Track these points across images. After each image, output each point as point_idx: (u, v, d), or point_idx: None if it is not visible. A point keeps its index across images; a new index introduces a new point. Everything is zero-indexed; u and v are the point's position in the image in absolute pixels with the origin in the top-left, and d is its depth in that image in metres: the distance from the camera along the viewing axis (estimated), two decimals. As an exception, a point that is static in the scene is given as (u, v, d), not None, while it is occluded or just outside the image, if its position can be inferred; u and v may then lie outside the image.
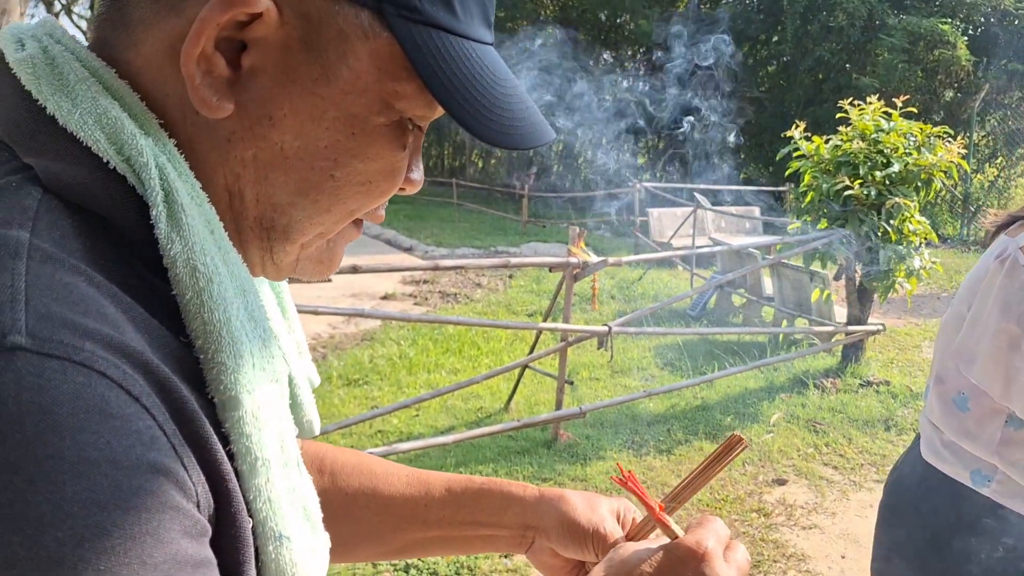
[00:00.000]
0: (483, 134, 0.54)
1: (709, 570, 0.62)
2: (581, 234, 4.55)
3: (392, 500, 0.83)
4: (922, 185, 5.56)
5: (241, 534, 0.48)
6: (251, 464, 0.49)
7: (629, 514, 0.81)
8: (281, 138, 0.53)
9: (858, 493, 4.29)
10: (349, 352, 6.64)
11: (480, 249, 12.47)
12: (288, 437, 0.54)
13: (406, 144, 0.56)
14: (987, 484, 1.58)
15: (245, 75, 0.51)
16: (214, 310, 0.49)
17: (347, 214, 0.58)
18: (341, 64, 0.52)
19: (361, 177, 0.55)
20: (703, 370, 6.02)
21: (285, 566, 0.51)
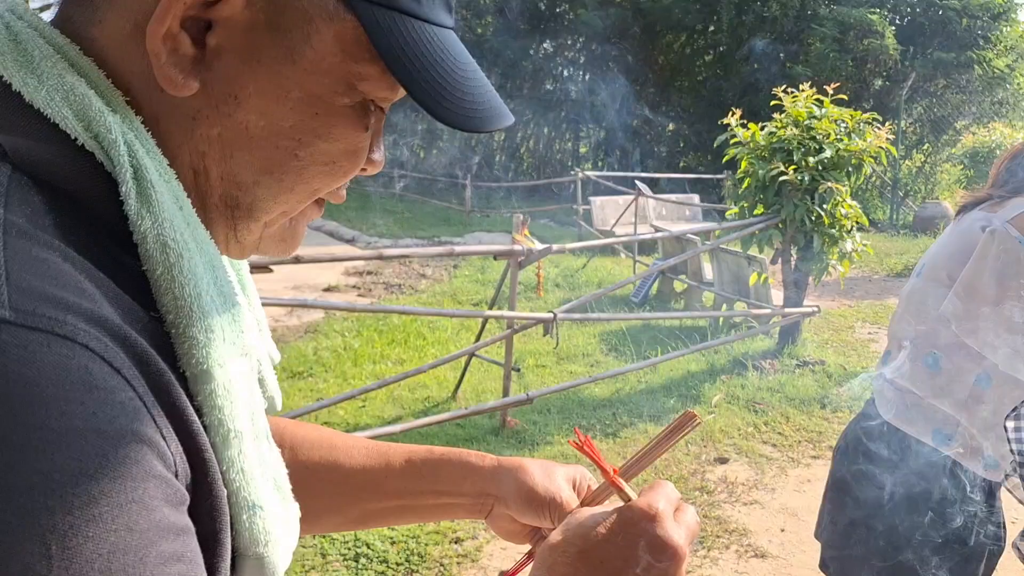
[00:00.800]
0: (445, 117, 0.55)
1: (660, 530, 0.64)
2: (525, 222, 4.58)
3: (352, 472, 0.85)
4: (853, 170, 5.74)
5: (217, 503, 0.50)
6: (224, 436, 0.50)
7: (584, 481, 0.84)
8: (246, 117, 0.53)
9: (796, 469, 4.43)
10: (292, 344, 6.57)
11: (424, 239, 12.42)
12: (258, 410, 0.55)
13: (368, 125, 0.57)
14: (948, 443, 1.72)
15: (210, 54, 0.52)
16: (184, 285, 0.50)
17: (310, 193, 0.59)
18: (305, 45, 0.52)
19: (324, 157, 0.56)
20: (647, 354, 6.12)
21: (259, 534, 0.52)
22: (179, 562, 0.43)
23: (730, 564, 3.48)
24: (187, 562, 0.44)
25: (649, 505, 0.65)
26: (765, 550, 3.59)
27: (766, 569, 3.45)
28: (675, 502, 0.68)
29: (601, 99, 19.76)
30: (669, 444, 0.78)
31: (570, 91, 21.09)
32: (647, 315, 6.76)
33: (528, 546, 0.87)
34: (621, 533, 0.65)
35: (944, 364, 1.75)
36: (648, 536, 0.64)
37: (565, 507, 0.80)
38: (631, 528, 0.65)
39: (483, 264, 9.71)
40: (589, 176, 11.89)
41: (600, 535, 0.65)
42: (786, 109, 5.89)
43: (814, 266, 5.88)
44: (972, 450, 1.70)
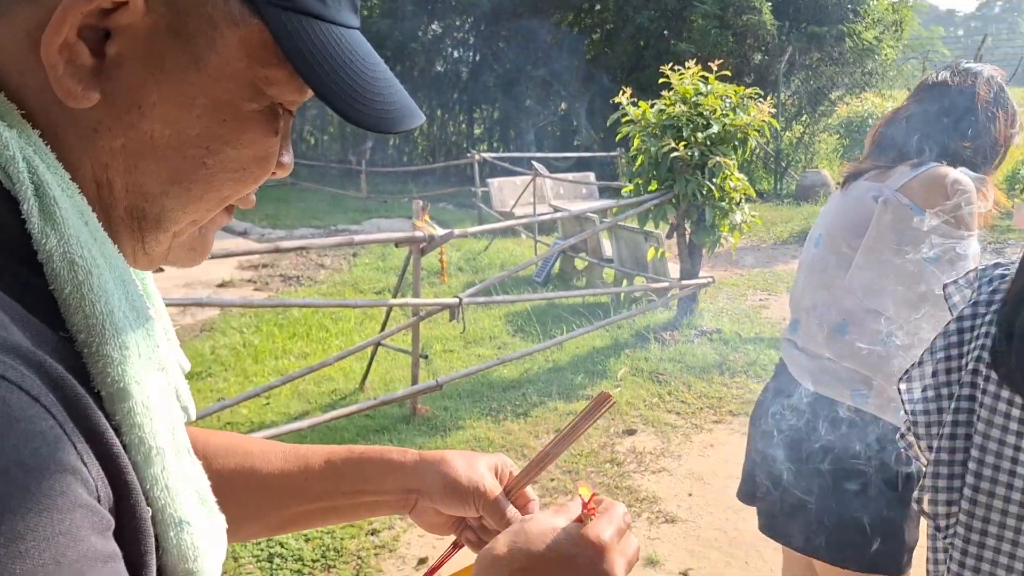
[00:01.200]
0: (357, 119, 0.54)
1: (605, 564, 0.65)
2: (425, 207, 4.55)
3: (271, 477, 0.83)
4: (739, 144, 5.96)
5: (141, 525, 0.49)
6: (145, 454, 0.49)
7: (506, 468, 0.85)
8: (151, 127, 0.52)
9: (700, 435, 4.59)
10: (188, 344, 6.33)
11: (320, 229, 12.16)
12: (177, 424, 0.55)
13: (278, 129, 0.57)
14: (867, 400, 1.85)
15: (110, 63, 0.50)
16: (95, 303, 0.48)
17: (220, 201, 0.58)
18: (210, 51, 0.51)
19: (234, 164, 0.55)
20: (552, 333, 6.20)
21: (187, 550, 0.52)
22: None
23: (642, 531, 3.58)
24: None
25: (598, 537, 0.66)
26: (675, 515, 3.72)
27: (676, 533, 3.58)
28: (622, 530, 0.69)
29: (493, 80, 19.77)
30: (587, 425, 0.80)
31: (461, 72, 21.01)
32: (551, 294, 6.85)
33: (452, 536, 0.87)
34: (567, 561, 0.65)
35: (852, 329, 1.87)
36: (593, 570, 0.65)
37: (488, 494, 0.81)
38: (578, 559, 0.65)
39: (384, 252, 9.59)
40: (486, 158, 11.90)
41: (546, 557, 0.66)
42: (673, 86, 6.04)
43: (707, 238, 6.09)
44: (888, 404, 1.83)
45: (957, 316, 1.18)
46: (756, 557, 3.39)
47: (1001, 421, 1.08)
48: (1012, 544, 1.08)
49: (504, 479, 0.84)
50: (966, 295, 1.21)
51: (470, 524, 0.85)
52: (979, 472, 1.11)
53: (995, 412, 1.09)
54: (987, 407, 1.10)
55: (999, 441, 1.08)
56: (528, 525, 0.69)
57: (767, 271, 8.80)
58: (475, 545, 0.84)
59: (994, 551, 1.10)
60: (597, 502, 0.73)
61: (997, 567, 1.10)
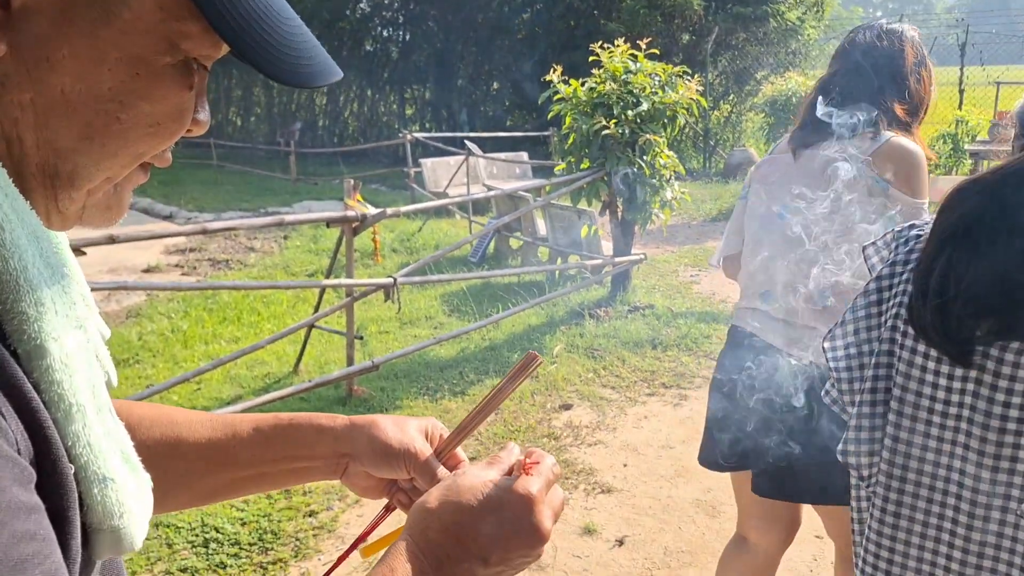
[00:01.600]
0: (273, 73, 0.54)
1: (533, 517, 0.67)
2: (356, 187, 4.49)
3: (198, 446, 0.83)
4: (668, 122, 6.05)
5: (63, 480, 0.48)
6: (66, 411, 0.49)
7: (437, 431, 0.86)
8: (61, 81, 0.51)
9: (634, 407, 4.69)
10: (113, 331, 6.14)
11: (249, 211, 11.89)
12: (98, 382, 0.54)
13: (192, 84, 0.56)
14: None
15: (17, 15, 0.49)
16: (8, 259, 0.48)
17: (135, 157, 0.57)
18: (122, 5, 0.50)
19: (148, 119, 0.54)
20: (488, 312, 6.23)
21: (112, 507, 0.52)
22: (33, 540, 0.43)
23: (579, 502, 3.65)
24: (40, 540, 0.44)
25: (527, 490, 0.68)
26: (611, 485, 3.80)
27: (612, 502, 3.66)
28: (551, 482, 0.71)
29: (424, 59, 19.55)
30: (515, 385, 0.82)
31: (391, 51, 20.71)
32: (486, 273, 6.86)
33: (385, 500, 0.88)
34: (496, 513, 0.67)
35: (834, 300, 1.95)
36: (521, 523, 0.67)
37: (419, 456, 0.82)
38: (506, 511, 0.67)
39: (315, 233, 9.45)
40: (418, 138, 11.79)
41: (476, 511, 0.67)
42: (604, 64, 6.09)
43: (639, 216, 6.18)
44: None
45: (876, 276, 1.23)
46: (688, 523, 3.50)
47: (917, 374, 1.14)
48: (929, 489, 1.14)
49: (435, 442, 0.85)
50: (884, 256, 1.26)
51: (402, 487, 0.85)
52: (898, 423, 1.16)
53: (912, 366, 1.14)
54: (904, 361, 1.15)
55: (916, 393, 1.14)
56: (460, 479, 0.70)
57: (698, 247, 8.99)
58: (407, 507, 0.85)
59: (913, 496, 1.16)
60: (528, 453, 0.75)
61: (916, 511, 1.16)
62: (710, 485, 3.78)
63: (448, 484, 0.70)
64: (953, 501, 1.12)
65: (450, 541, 0.66)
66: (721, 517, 3.53)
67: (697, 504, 3.65)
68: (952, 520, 1.12)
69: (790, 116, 11.20)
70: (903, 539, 1.17)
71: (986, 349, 1.06)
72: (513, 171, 11.53)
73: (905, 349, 1.15)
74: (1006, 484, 1.06)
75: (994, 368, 1.05)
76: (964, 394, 1.08)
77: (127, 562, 3.18)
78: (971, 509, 1.10)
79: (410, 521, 0.69)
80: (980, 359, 1.06)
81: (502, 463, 0.74)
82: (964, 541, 1.11)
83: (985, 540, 1.09)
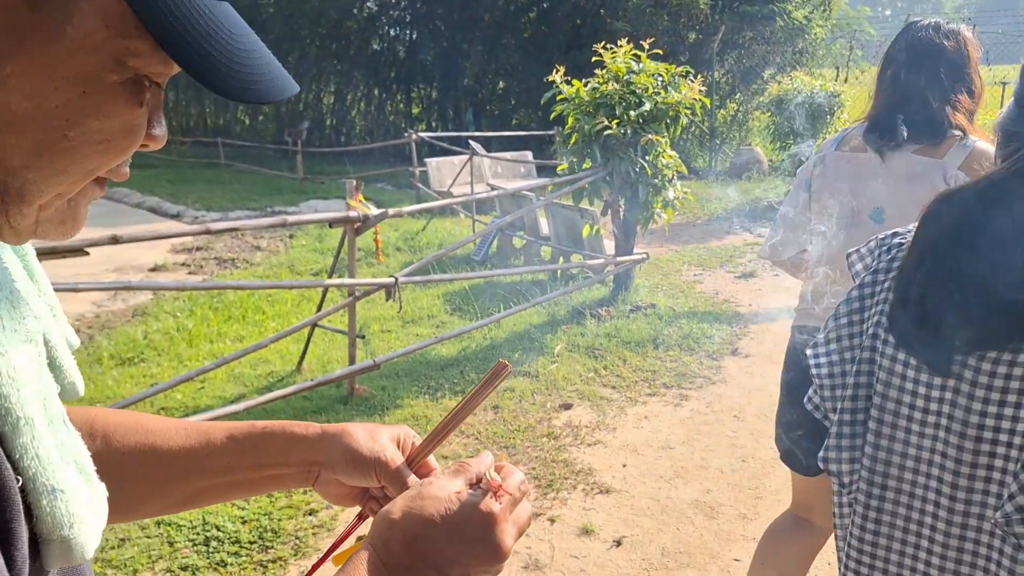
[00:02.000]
0: (223, 89, 0.54)
1: (494, 536, 0.68)
2: (359, 187, 4.52)
3: (172, 454, 0.84)
4: (671, 122, 6.05)
5: (6, 492, 0.49)
6: (13, 424, 0.50)
7: (409, 439, 0.87)
8: (8, 98, 0.51)
9: (634, 408, 4.70)
10: (119, 330, 6.19)
11: (256, 211, 11.94)
12: (50, 395, 0.55)
13: (143, 101, 0.56)
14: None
15: None
16: None
17: (86, 173, 0.57)
18: (67, 23, 0.51)
19: (98, 136, 0.55)
20: (490, 312, 6.24)
21: (62, 518, 0.52)
22: None
23: (578, 502, 3.67)
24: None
25: (489, 509, 0.69)
26: (609, 485, 3.81)
27: (611, 503, 3.67)
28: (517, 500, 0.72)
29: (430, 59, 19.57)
30: (485, 394, 0.83)
31: (398, 51, 20.73)
32: (487, 273, 6.88)
33: (358, 508, 0.89)
34: (459, 528, 0.68)
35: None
36: (483, 540, 0.68)
37: (390, 464, 0.83)
38: (469, 527, 0.68)
39: (320, 233, 9.49)
40: (423, 138, 11.81)
41: (438, 525, 0.68)
42: (607, 64, 6.10)
43: (641, 215, 6.18)
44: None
45: (859, 284, 1.24)
46: (687, 524, 3.51)
47: (898, 382, 1.15)
48: (909, 496, 1.15)
49: (407, 450, 0.86)
50: (868, 263, 1.27)
51: (374, 495, 0.86)
52: (878, 431, 1.17)
53: (892, 373, 1.15)
54: (885, 369, 1.16)
55: (896, 400, 1.15)
56: (424, 489, 0.71)
57: (701, 247, 8.98)
58: None
59: (893, 504, 1.17)
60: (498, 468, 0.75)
61: (896, 518, 1.17)
62: (709, 486, 3.79)
63: (413, 495, 0.71)
64: (931, 508, 1.12)
65: (411, 553, 0.67)
66: (720, 518, 3.54)
67: (696, 505, 3.66)
68: (931, 527, 1.13)
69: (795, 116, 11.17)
70: (883, 545, 1.18)
71: (964, 358, 1.06)
72: (518, 170, 11.54)
73: (886, 357, 1.16)
74: (982, 492, 1.06)
75: (971, 377, 1.06)
76: (942, 403, 1.09)
77: (129, 559, 3.21)
78: (948, 517, 1.10)
79: (373, 531, 0.70)
80: (958, 368, 1.07)
81: (469, 471, 0.74)
82: (942, 548, 1.12)
83: (963, 547, 1.10)
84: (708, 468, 3.98)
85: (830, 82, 12.39)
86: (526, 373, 5.16)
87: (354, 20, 19.60)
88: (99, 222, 9.55)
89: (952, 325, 1.06)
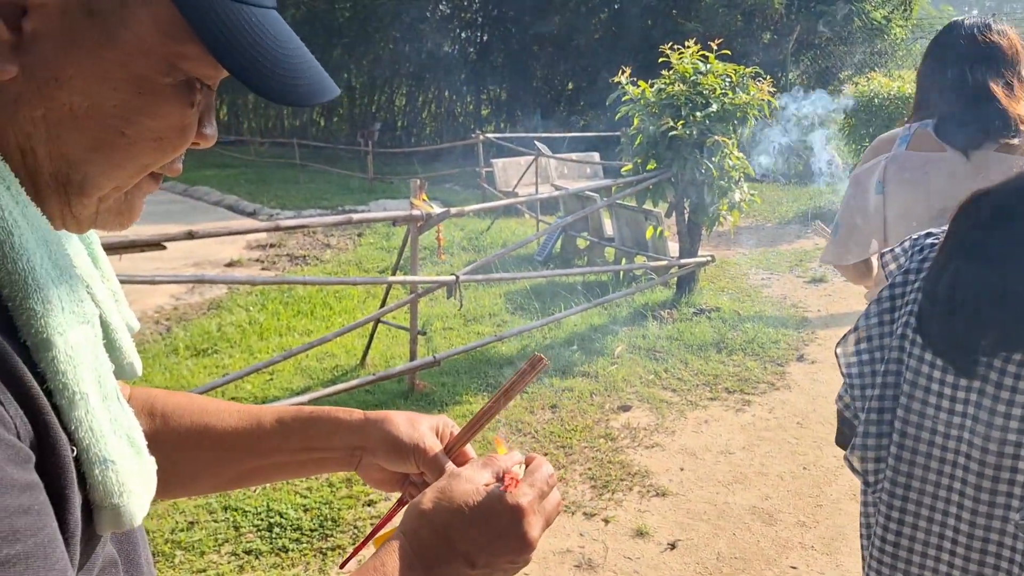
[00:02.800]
0: (266, 92, 0.58)
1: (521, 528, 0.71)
2: (422, 186, 4.60)
3: (225, 434, 0.88)
4: (738, 123, 5.97)
5: (61, 461, 0.53)
6: (69, 398, 0.54)
7: (447, 429, 0.91)
8: (69, 99, 0.55)
9: (694, 411, 4.65)
10: (195, 322, 6.43)
11: (327, 209, 12.23)
12: (104, 373, 0.59)
13: (194, 102, 0.60)
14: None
15: (28, 39, 0.54)
16: (16, 260, 0.52)
17: (141, 168, 0.61)
18: (123, 29, 0.55)
19: (152, 134, 0.59)
20: (551, 311, 6.26)
21: (112, 487, 0.56)
22: (27, 514, 0.47)
23: (633, 504, 3.66)
24: (35, 514, 0.48)
25: (516, 501, 0.71)
26: (665, 488, 3.79)
27: (666, 506, 3.65)
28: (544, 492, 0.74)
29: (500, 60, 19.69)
30: (521, 386, 0.86)
31: (469, 53, 20.93)
32: (548, 272, 6.90)
33: (398, 494, 0.93)
34: (486, 520, 0.71)
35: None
36: (510, 532, 0.70)
37: (428, 451, 0.86)
38: (496, 520, 0.71)
39: (388, 231, 9.66)
40: (490, 138, 11.91)
41: (467, 516, 0.71)
42: (673, 65, 6.05)
43: (706, 217, 6.12)
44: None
45: (890, 283, 1.23)
46: (744, 529, 3.47)
47: (924, 383, 1.14)
48: (932, 498, 1.14)
49: (445, 439, 0.89)
50: (901, 263, 1.26)
51: (413, 481, 0.90)
52: (904, 431, 1.16)
53: (919, 374, 1.14)
54: (912, 369, 1.15)
55: (922, 402, 1.14)
56: (454, 482, 0.74)
57: (770, 250, 8.82)
58: None
59: (916, 504, 1.16)
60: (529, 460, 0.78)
61: (919, 519, 1.16)
62: (768, 493, 3.73)
63: (442, 487, 0.74)
64: (955, 510, 1.11)
65: (440, 543, 0.70)
66: (778, 525, 3.48)
67: (753, 511, 3.61)
68: (954, 528, 1.12)
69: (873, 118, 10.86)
70: (906, 546, 1.17)
71: (990, 360, 1.05)
72: (584, 171, 11.52)
73: (913, 357, 1.15)
74: (1006, 495, 1.05)
75: (996, 379, 1.05)
76: (967, 404, 1.08)
77: (197, 541, 3.35)
78: (972, 518, 1.09)
79: (404, 520, 0.73)
80: (984, 370, 1.06)
81: (495, 464, 0.77)
82: (965, 549, 1.10)
83: (986, 548, 1.08)
84: (768, 474, 3.92)
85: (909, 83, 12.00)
86: (585, 373, 5.17)
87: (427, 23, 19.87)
88: (179, 218, 9.94)
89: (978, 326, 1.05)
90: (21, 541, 0.46)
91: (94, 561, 0.60)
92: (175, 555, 3.28)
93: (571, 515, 3.56)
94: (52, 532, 0.50)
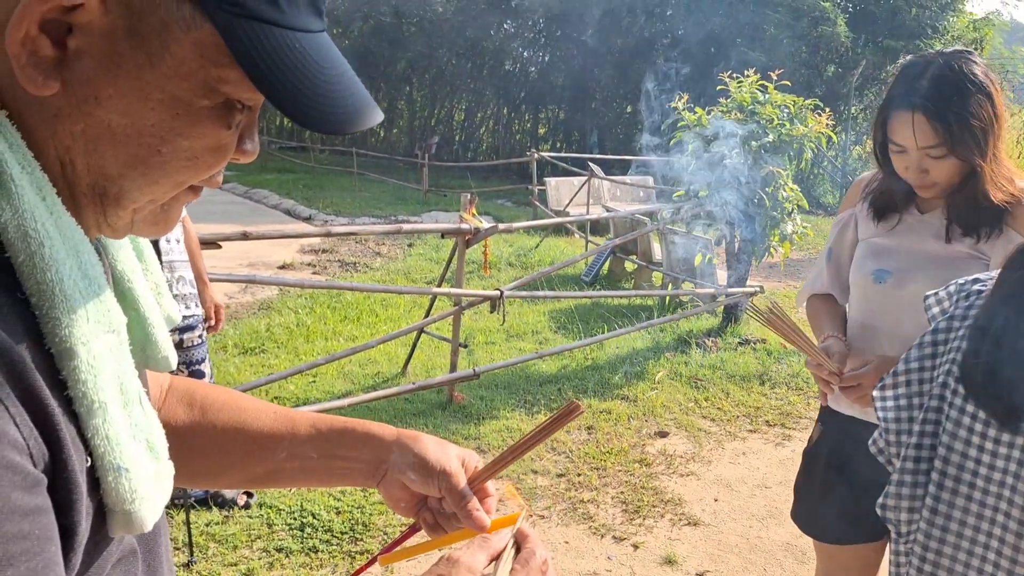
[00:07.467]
0: (303, 121, 0.58)
1: None
2: (472, 200, 4.65)
3: (259, 434, 0.91)
4: (794, 154, 5.91)
5: (71, 476, 0.55)
6: (88, 407, 0.56)
7: (472, 462, 0.93)
8: (107, 116, 0.57)
9: (732, 442, 4.59)
10: (245, 321, 6.58)
11: (380, 218, 12.41)
12: (128, 379, 0.61)
13: (231, 124, 0.61)
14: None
15: (71, 56, 0.55)
16: (46, 271, 0.54)
17: (175, 185, 0.63)
18: (164, 51, 0.56)
19: (187, 153, 0.60)
20: (594, 332, 6.25)
21: (125, 493, 0.58)
22: (25, 540, 0.49)
23: (663, 531, 3.63)
24: (34, 539, 0.50)
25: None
26: (698, 518, 3.74)
27: (698, 536, 3.61)
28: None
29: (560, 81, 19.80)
30: (554, 430, 0.88)
31: (530, 72, 21.09)
32: (593, 293, 6.90)
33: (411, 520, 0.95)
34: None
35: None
36: None
37: (453, 478, 0.88)
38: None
39: (437, 243, 9.76)
40: (544, 157, 11.97)
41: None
42: (731, 94, 6.03)
43: (756, 247, 6.05)
44: None
45: (933, 328, 1.20)
46: (775, 565, 3.41)
47: (964, 435, 1.11)
48: (968, 554, 1.11)
49: (469, 471, 0.91)
50: (945, 307, 1.23)
51: (431, 506, 0.92)
52: (941, 483, 1.13)
53: (959, 425, 1.11)
54: (952, 420, 1.12)
55: (962, 454, 1.11)
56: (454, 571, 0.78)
57: (821, 285, 8.66)
58: (431, 528, 0.92)
59: (951, 559, 1.13)
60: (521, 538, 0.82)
61: (954, 574, 1.13)
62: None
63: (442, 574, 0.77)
64: (990, 569, 1.08)
65: None
66: (810, 563, 3.41)
67: (787, 548, 3.55)
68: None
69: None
70: None
71: None
72: (637, 194, 11.50)
73: (954, 408, 1.13)
74: None
75: None
76: (1009, 460, 1.05)
77: (231, 535, 3.42)
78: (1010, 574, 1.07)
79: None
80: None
81: (491, 546, 0.80)
82: None
83: None
84: (803, 511, 3.85)
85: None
86: (624, 397, 5.14)
87: (490, 41, 20.10)
88: (238, 219, 10.19)
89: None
90: (14, 567, 0.48)
91: (109, 554, 0.62)
92: (208, 547, 3.35)
93: (600, 538, 3.54)
94: (48, 558, 0.51)
